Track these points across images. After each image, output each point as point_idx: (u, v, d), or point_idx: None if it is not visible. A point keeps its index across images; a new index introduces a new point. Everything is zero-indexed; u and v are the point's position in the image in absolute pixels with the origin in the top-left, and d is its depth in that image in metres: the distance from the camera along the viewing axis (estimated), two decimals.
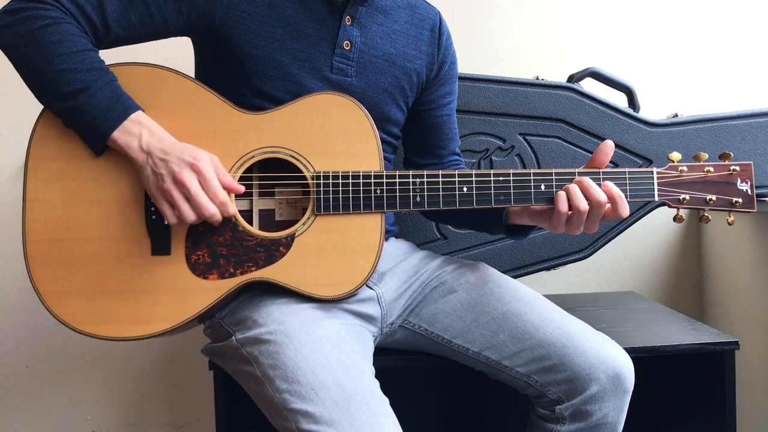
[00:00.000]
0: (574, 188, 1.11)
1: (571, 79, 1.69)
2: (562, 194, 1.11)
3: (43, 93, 1.07)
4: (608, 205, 1.11)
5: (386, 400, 1.01)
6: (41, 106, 1.10)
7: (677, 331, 1.42)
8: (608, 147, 1.14)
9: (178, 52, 1.33)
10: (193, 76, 1.20)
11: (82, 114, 1.05)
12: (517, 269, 1.68)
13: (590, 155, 1.63)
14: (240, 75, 1.15)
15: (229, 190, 1.07)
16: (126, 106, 1.06)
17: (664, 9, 1.95)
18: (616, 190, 1.11)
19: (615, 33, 1.94)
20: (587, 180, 1.11)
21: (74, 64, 1.04)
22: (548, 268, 1.69)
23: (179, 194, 1.03)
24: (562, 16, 1.94)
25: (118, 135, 1.05)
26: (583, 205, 1.09)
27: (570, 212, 1.10)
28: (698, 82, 1.95)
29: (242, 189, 1.09)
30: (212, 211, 1.04)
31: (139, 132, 1.05)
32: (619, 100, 1.70)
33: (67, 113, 1.06)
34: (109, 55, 1.12)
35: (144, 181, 1.06)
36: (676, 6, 1.95)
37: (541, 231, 1.57)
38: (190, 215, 1.04)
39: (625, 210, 1.11)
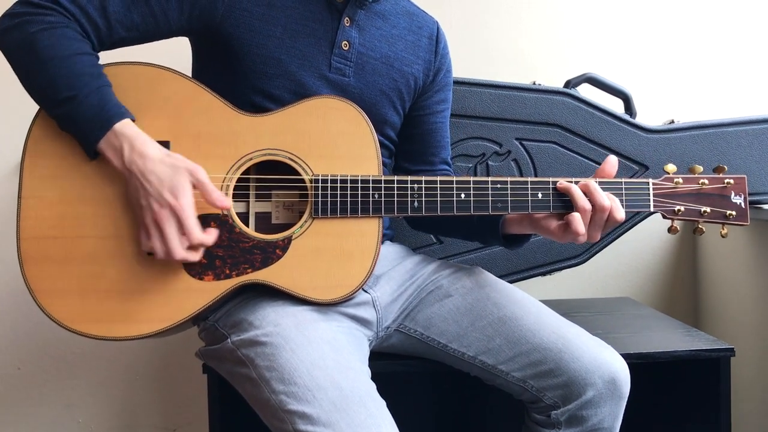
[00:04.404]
0: (575, 189, 1.12)
1: (567, 84, 1.69)
2: (574, 189, 1.11)
3: (39, 98, 1.07)
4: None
5: (383, 403, 1.00)
6: (34, 109, 1.09)
7: (672, 338, 1.42)
8: (614, 160, 1.16)
9: (177, 53, 1.33)
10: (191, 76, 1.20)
11: (72, 122, 1.05)
12: (513, 274, 1.68)
13: (587, 161, 1.66)
14: (240, 73, 1.15)
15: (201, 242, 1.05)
16: (109, 116, 1.04)
17: (661, 15, 1.96)
18: (608, 195, 1.12)
19: (612, 39, 1.95)
20: (593, 183, 1.12)
21: (63, 69, 1.04)
22: (544, 274, 1.69)
23: (156, 233, 1.03)
24: (559, 22, 1.95)
25: (104, 146, 1.05)
26: (586, 205, 1.10)
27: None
28: (695, 88, 1.96)
29: (211, 241, 1.06)
30: (180, 257, 1.03)
31: (120, 145, 1.04)
32: (616, 106, 1.70)
33: (60, 119, 1.06)
34: (108, 55, 1.11)
35: (129, 197, 1.06)
36: (674, 12, 1.96)
37: (537, 237, 1.57)
38: (160, 253, 1.03)
39: (620, 212, 1.11)
